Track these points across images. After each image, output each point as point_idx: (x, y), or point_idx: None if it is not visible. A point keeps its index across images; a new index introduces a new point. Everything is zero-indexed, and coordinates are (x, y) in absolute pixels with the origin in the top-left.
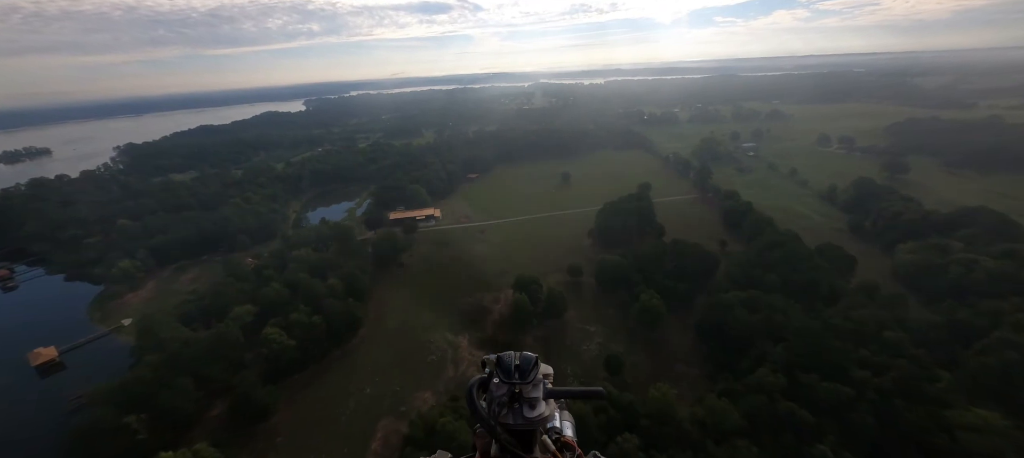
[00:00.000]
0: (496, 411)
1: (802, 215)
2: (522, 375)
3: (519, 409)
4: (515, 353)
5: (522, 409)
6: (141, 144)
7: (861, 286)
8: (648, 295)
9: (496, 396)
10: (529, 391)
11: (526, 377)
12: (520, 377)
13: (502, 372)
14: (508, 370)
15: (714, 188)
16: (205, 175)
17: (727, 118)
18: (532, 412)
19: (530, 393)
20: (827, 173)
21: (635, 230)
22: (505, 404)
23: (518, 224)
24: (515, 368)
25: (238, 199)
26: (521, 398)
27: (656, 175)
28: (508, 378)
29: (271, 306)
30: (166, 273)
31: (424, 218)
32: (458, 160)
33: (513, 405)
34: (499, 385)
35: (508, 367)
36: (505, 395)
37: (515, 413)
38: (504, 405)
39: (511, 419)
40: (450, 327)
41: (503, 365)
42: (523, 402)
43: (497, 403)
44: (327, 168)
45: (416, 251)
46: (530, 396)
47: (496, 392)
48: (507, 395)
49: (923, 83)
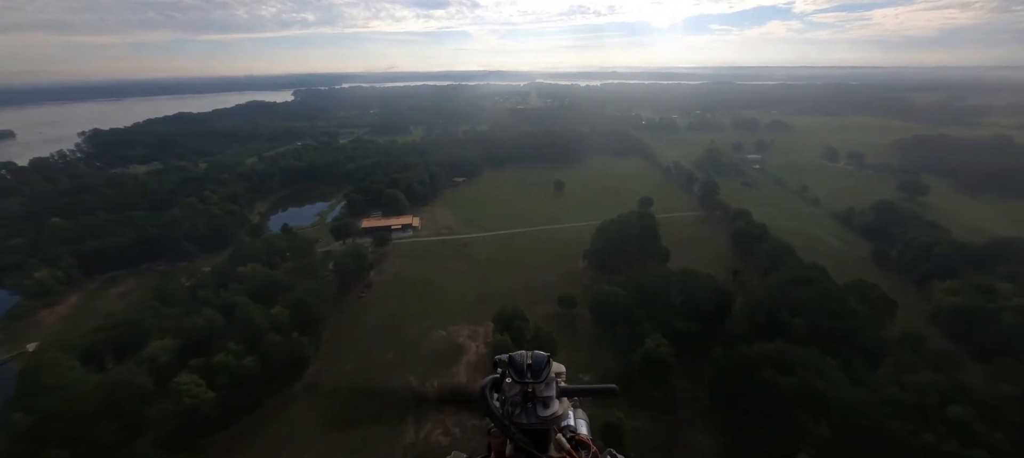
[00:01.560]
0: (510, 411)
1: (819, 239)
2: (535, 374)
3: (532, 408)
4: (527, 352)
5: (536, 408)
6: (107, 130)
7: (904, 336)
8: (654, 340)
9: (509, 396)
10: (542, 390)
11: (539, 376)
12: (533, 376)
13: (515, 371)
14: (520, 369)
15: (722, 205)
16: (167, 167)
17: (727, 126)
18: (546, 411)
19: (543, 392)
20: (838, 191)
21: (636, 254)
22: (518, 403)
23: (505, 239)
24: (527, 367)
25: (193, 199)
26: (534, 397)
27: (656, 187)
28: (521, 377)
29: (199, 340)
30: (94, 285)
31: (400, 227)
32: (444, 162)
33: (526, 404)
34: (512, 384)
35: (520, 366)
36: (518, 394)
37: (528, 412)
38: (517, 405)
39: (525, 418)
40: (416, 368)
41: (515, 364)
42: (536, 401)
43: (510, 403)
44: (301, 165)
45: (387, 267)
46: (543, 395)
47: (509, 392)
48: (520, 394)
49: (917, 98)
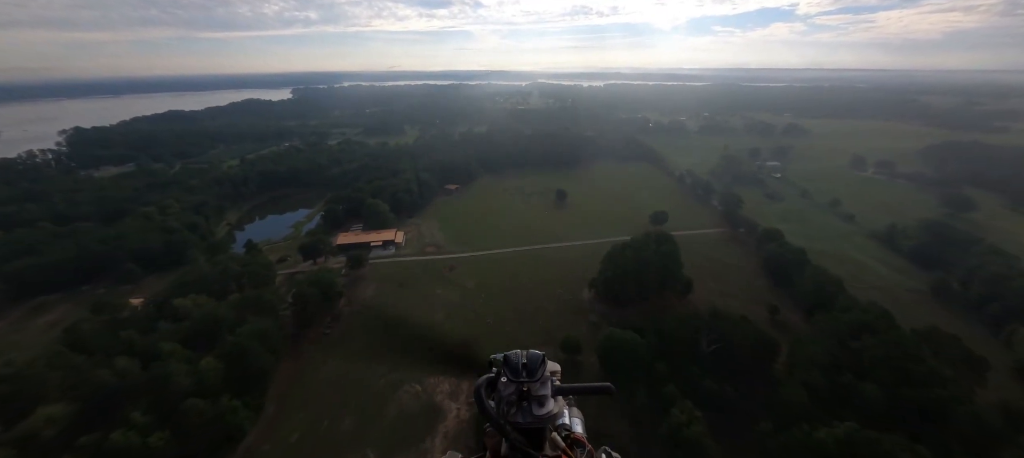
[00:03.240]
0: (505, 410)
1: (864, 267)
2: (530, 373)
3: (528, 407)
4: (522, 351)
5: (531, 407)
6: (90, 129)
7: (999, 407)
8: (683, 412)
9: (504, 395)
10: (537, 389)
11: (534, 375)
12: (528, 375)
13: (510, 371)
14: (516, 369)
15: (747, 222)
16: (136, 170)
17: (739, 130)
18: (541, 410)
19: (538, 391)
20: (873, 205)
21: (653, 283)
22: (514, 403)
23: (499, 260)
24: (522, 366)
25: (152, 208)
26: (529, 396)
27: (669, 197)
28: (516, 377)
29: (103, 402)
30: (17, 313)
31: (381, 244)
32: (436, 167)
33: (522, 403)
34: (507, 384)
35: (516, 366)
36: (513, 394)
37: (524, 411)
38: (513, 404)
39: (520, 417)
40: (378, 439)
41: (510, 364)
42: (532, 400)
43: (506, 402)
44: (280, 170)
45: (360, 293)
46: (538, 394)
47: (504, 391)
48: (515, 394)
49: (932, 102)
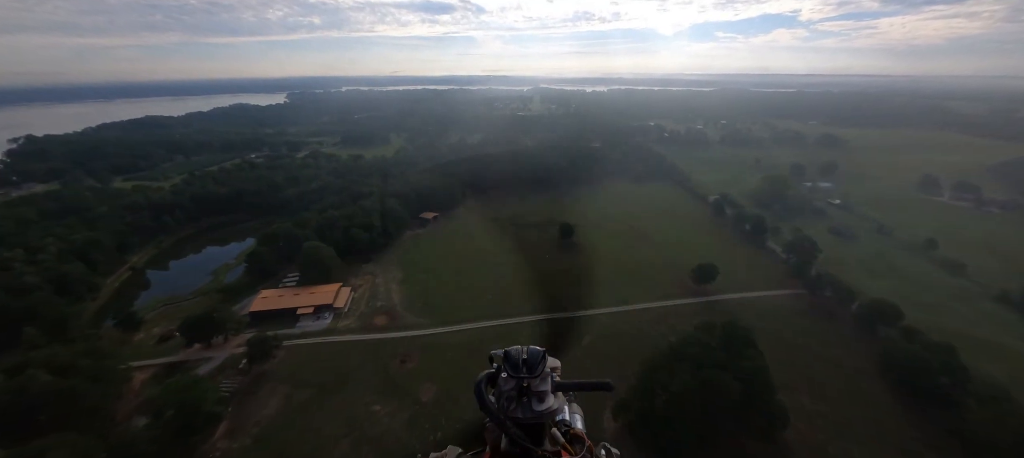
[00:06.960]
0: (505, 405)
1: (1004, 350)
2: (530, 369)
3: (528, 403)
4: (522, 347)
5: (531, 403)
6: (42, 137)
7: None
8: None
9: (504, 390)
10: (537, 385)
11: (534, 371)
12: (528, 371)
13: (510, 366)
14: (516, 364)
15: (833, 282)
16: (64, 188)
17: (766, 141)
18: (541, 405)
19: (538, 387)
20: (974, 246)
21: (728, 420)
22: (514, 398)
23: (475, 344)
24: (523, 362)
25: (18, 251)
26: (529, 392)
27: (705, 233)
28: (516, 372)
29: None
30: None
31: (312, 311)
32: (411, 189)
33: (522, 399)
34: (507, 379)
35: (516, 361)
36: (513, 389)
37: (524, 407)
38: (513, 399)
39: (520, 413)
40: None
41: (511, 359)
42: (531, 396)
43: (506, 397)
44: (221, 192)
45: (252, 413)
46: (538, 389)
47: (504, 386)
48: (515, 389)
49: (962, 108)
